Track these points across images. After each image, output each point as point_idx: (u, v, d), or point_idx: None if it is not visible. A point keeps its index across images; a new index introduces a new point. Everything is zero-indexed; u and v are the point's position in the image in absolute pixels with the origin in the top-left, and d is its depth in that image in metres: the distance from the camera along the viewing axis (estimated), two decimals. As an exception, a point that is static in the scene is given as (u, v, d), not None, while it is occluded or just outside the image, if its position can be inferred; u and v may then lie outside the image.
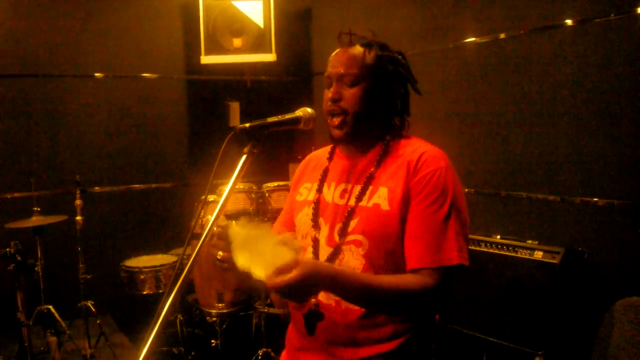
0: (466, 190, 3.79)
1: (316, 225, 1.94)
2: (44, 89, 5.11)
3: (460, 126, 4.00)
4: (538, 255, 3.13)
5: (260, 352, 3.80)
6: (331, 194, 1.96)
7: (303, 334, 1.90)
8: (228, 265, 1.76)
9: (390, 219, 1.76)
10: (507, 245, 3.29)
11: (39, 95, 5.10)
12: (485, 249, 3.38)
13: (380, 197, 1.80)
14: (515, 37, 3.63)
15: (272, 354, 3.77)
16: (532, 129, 3.56)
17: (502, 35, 3.70)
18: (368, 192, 1.84)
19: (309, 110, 1.82)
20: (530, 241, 3.25)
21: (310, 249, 1.94)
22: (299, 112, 1.81)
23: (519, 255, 3.22)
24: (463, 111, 4.00)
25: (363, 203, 1.83)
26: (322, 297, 1.86)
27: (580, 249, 3.16)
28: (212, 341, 4.09)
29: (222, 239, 1.71)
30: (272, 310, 3.92)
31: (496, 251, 3.33)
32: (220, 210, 1.59)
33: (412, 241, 1.74)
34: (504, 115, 3.73)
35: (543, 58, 3.48)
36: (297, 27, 5.79)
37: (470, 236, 3.40)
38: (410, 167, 1.78)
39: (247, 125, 1.69)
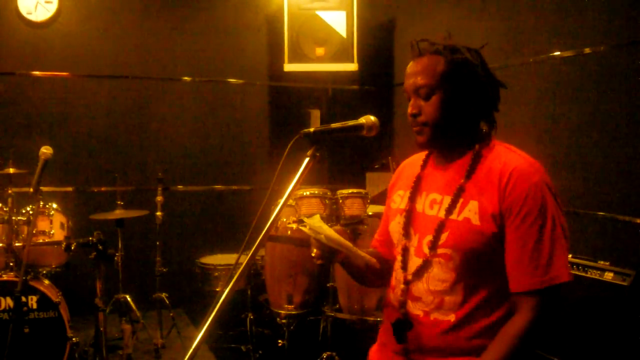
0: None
1: (407, 234, 1.95)
2: (133, 90, 5.39)
3: (536, 143, 3.90)
4: (608, 276, 3.02)
5: (324, 355, 3.83)
6: (422, 203, 1.95)
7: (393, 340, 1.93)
8: (323, 261, 1.95)
9: (480, 235, 1.75)
10: (578, 265, 3.20)
11: (129, 95, 5.38)
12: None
13: (471, 211, 1.78)
14: (599, 52, 3.53)
15: (337, 357, 3.80)
16: (611, 147, 3.46)
17: (587, 50, 3.61)
18: (458, 205, 1.81)
19: (372, 118, 1.82)
20: (602, 262, 3.14)
21: (399, 258, 1.96)
22: (362, 120, 1.82)
23: (588, 275, 3.12)
24: (539, 127, 3.93)
25: (453, 216, 1.81)
26: (410, 306, 1.88)
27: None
28: (280, 341, 4.16)
29: (315, 238, 1.89)
30: (339, 315, 3.97)
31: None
32: (280, 209, 1.71)
33: (516, 264, 1.73)
34: (583, 132, 3.64)
35: (627, 74, 3.38)
36: (379, 37, 5.82)
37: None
38: (501, 184, 1.75)
39: (311, 130, 1.74)
